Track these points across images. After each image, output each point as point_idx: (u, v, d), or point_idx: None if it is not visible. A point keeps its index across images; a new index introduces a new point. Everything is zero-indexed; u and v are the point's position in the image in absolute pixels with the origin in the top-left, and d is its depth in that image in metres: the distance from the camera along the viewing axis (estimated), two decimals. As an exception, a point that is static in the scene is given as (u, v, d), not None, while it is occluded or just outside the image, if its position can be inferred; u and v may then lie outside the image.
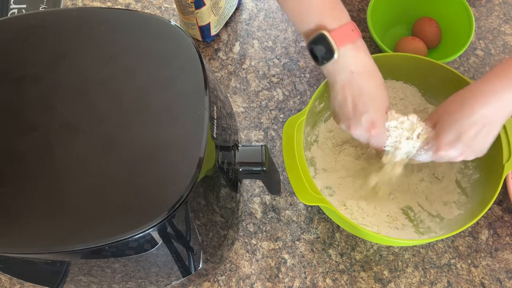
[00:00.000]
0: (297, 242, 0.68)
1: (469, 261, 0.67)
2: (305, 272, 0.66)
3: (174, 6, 0.86)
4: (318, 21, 0.54)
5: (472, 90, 0.55)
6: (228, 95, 0.78)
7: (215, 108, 0.45)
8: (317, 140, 0.71)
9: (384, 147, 0.60)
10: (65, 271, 0.44)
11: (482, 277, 0.66)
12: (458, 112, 0.55)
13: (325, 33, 0.53)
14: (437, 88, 0.71)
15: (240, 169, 0.52)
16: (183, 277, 0.51)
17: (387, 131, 0.59)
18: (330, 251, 0.67)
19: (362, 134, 0.58)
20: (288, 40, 0.83)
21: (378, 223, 0.66)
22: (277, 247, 0.68)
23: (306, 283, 0.65)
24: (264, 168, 0.51)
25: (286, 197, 0.71)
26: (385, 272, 0.66)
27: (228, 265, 0.66)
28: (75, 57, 0.45)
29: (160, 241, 0.41)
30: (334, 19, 0.54)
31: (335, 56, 0.54)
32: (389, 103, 0.59)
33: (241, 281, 0.66)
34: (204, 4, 0.74)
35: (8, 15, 0.78)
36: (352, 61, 0.55)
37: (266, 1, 0.87)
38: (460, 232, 0.60)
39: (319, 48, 0.54)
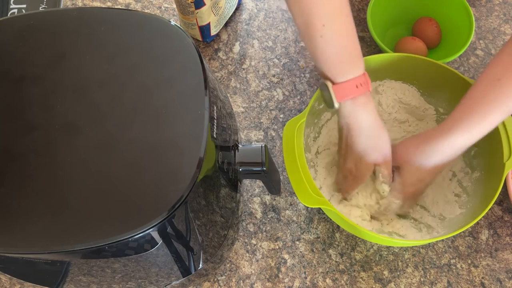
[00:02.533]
0: (297, 242, 0.68)
1: (469, 261, 0.67)
2: (305, 272, 0.66)
3: (174, 6, 0.86)
4: (325, 71, 0.56)
5: (429, 137, 0.60)
6: (228, 95, 0.78)
7: (215, 108, 0.45)
8: (318, 141, 0.71)
9: (348, 196, 0.66)
10: (65, 271, 0.44)
11: (482, 277, 0.66)
12: (418, 160, 0.60)
13: (328, 85, 0.56)
14: (437, 88, 0.71)
15: (240, 169, 0.52)
16: (183, 277, 0.51)
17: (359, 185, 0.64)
18: (330, 251, 0.67)
19: (343, 171, 0.64)
20: (288, 40, 0.83)
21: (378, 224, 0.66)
22: (277, 247, 0.68)
23: (306, 283, 0.65)
24: (264, 168, 0.51)
25: (286, 197, 0.71)
26: (385, 272, 0.66)
27: (228, 265, 0.66)
28: (75, 57, 0.45)
29: (160, 241, 0.41)
30: (340, 73, 0.56)
31: (335, 106, 0.57)
32: (383, 159, 0.62)
33: (241, 281, 0.66)
34: (204, 4, 0.74)
35: (8, 15, 0.78)
36: (349, 115, 0.58)
37: (266, 1, 0.87)
38: (460, 232, 0.60)
39: (325, 94, 0.57)
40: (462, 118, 0.57)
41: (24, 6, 0.80)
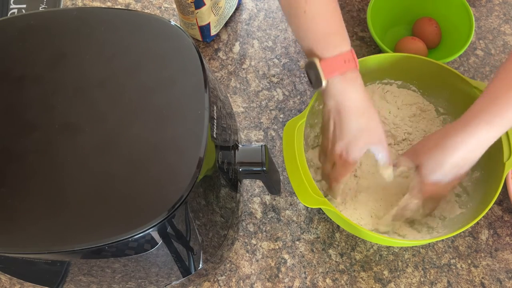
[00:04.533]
0: (297, 242, 0.68)
1: (469, 261, 0.67)
2: (305, 272, 0.66)
3: (174, 6, 0.86)
4: (312, 47, 0.55)
5: (449, 133, 0.58)
6: (228, 95, 0.78)
7: (215, 108, 0.45)
8: (318, 141, 0.71)
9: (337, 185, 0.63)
10: (65, 271, 0.44)
11: (482, 277, 0.66)
12: (439, 157, 0.58)
13: (315, 61, 0.54)
14: (437, 88, 0.71)
15: (240, 169, 0.52)
16: (183, 277, 0.51)
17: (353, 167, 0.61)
18: (330, 251, 0.67)
19: (331, 159, 0.61)
20: (288, 40, 0.83)
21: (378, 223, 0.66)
22: (277, 247, 0.68)
23: (306, 283, 0.65)
24: (264, 168, 0.51)
25: (286, 197, 0.71)
26: (385, 272, 0.66)
27: (228, 265, 0.66)
28: (75, 57, 0.45)
29: (160, 241, 0.41)
30: (327, 48, 0.55)
31: (323, 84, 0.55)
32: (376, 144, 0.60)
33: (241, 281, 0.66)
34: (204, 4, 0.74)
35: (8, 15, 0.78)
36: (338, 92, 0.56)
37: (266, 1, 0.87)
38: (460, 232, 0.60)
39: (311, 73, 0.55)
40: (483, 109, 0.55)
41: (24, 6, 0.80)
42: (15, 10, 0.79)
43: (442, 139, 0.58)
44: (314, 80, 0.55)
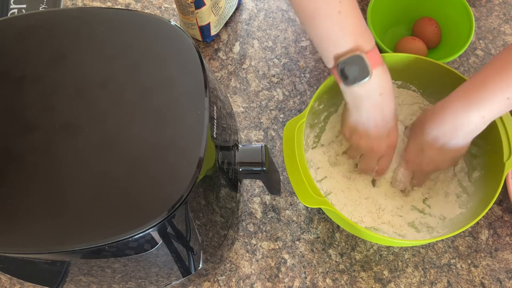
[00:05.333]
0: (297, 242, 0.68)
1: (469, 261, 0.67)
2: (305, 272, 0.66)
3: (174, 6, 0.86)
4: (354, 42, 0.55)
5: (437, 107, 0.61)
6: (228, 95, 0.78)
7: (215, 108, 0.45)
8: (318, 141, 0.71)
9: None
10: (65, 271, 0.44)
11: (482, 277, 0.66)
12: (421, 127, 0.62)
13: (362, 54, 0.55)
14: (437, 88, 0.71)
15: (240, 169, 0.52)
16: (183, 277, 0.51)
17: None
18: (330, 251, 0.67)
19: (379, 151, 0.63)
20: (288, 40, 0.83)
21: (378, 223, 0.66)
22: (277, 247, 0.68)
23: (306, 283, 0.65)
24: (264, 168, 0.51)
25: (286, 197, 0.71)
26: (385, 272, 0.66)
27: (228, 265, 0.66)
28: (75, 57, 0.45)
29: (160, 241, 0.41)
30: (367, 42, 0.56)
31: (370, 76, 0.55)
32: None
33: (241, 281, 0.66)
34: (204, 4, 0.74)
35: (8, 15, 0.78)
36: (381, 83, 0.57)
37: (266, 1, 0.87)
38: (460, 232, 0.60)
39: (353, 68, 0.56)
40: (463, 91, 0.58)
41: (24, 6, 0.80)
42: (15, 10, 0.79)
43: (430, 113, 0.62)
44: (356, 74, 0.56)
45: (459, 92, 0.59)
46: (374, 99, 0.58)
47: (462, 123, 0.57)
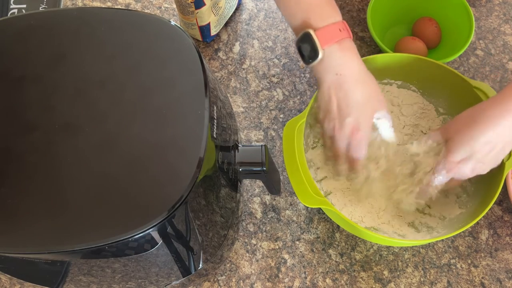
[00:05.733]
0: (297, 242, 0.68)
1: (469, 261, 0.67)
2: (305, 272, 0.66)
3: (174, 6, 0.86)
4: (305, 18, 0.53)
5: (485, 108, 0.55)
6: (228, 95, 0.78)
7: (215, 108, 0.45)
8: (318, 141, 0.71)
9: (358, 161, 0.60)
10: (65, 271, 0.44)
11: (482, 277, 0.66)
12: (470, 131, 0.55)
13: (310, 31, 0.53)
14: (437, 88, 0.71)
15: (240, 169, 0.52)
16: (183, 277, 0.51)
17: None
18: (330, 251, 0.67)
19: (343, 138, 0.58)
20: (288, 40, 0.83)
21: (378, 223, 0.66)
22: (277, 247, 0.68)
23: (306, 283, 0.65)
24: (264, 168, 0.51)
25: (286, 197, 0.71)
26: (385, 272, 0.66)
27: (228, 265, 0.66)
28: (75, 57, 0.45)
29: (160, 241, 0.41)
30: (321, 18, 0.53)
31: (320, 55, 0.53)
32: (382, 109, 0.58)
33: (241, 281, 0.66)
34: (204, 4, 0.74)
35: (8, 15, 0.78)
36: (337, 63, 0.54)
37: (266, 1, 0.87)
38: (460, 232, 0.60)
39: (305, 46, 0.54)
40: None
41: (24, 6, 0.80)
42: (15, 10, 0.79)
43: (475, 115, 0.55)
44: (308, 53, 0.53)
45: (506, 92, 0.54)
46: (331, 78, 0.55)
47: None
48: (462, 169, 0.57)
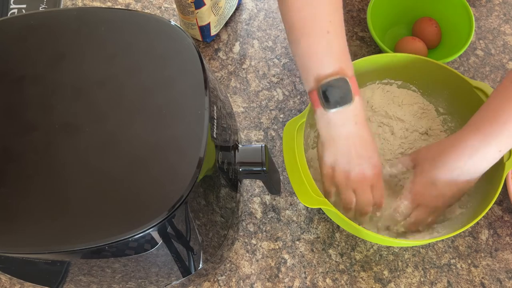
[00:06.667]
0: (297, 242, 0.68)
1: (469, 261, 0.67)
2: (305, 272, 0.66)
3: (174, 6, 0.86)
4: (339, 65, 0.53)
5: (452, 141, 0.58)
6: (228, 95, 0.78)
7: (215, 108, 0.45)
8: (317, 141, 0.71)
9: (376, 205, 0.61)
10: (65, 271, 0.44)
11: (482, 277, 0.66)
12: (436, 159, 0.58)
13: (347, 78, 0.53)
14: (437, 88, 0.71)
15: (240, 169, 0.52)
16: (183, 277, 0.51)
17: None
18: (330, 251, 0.67)
19: (368, 180, 0.59)
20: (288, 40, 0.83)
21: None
22: (277, 247, 0.68)
23: (306, 283, 0.65)
24: (264, 168, 0.51)
25: (286, 197, 0.71)
26: (385, 272, 0.66)
27: (228, 265, 0.66)
28: (75, 57, 0.45)
29: (160, 241, 0.41)
30: (350, 68, 0.55)
31: (352, 101, 0.54)
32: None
33: (241, 281, 0.66)
34: (204, 4, 0.74)
35: (8, 15, 0.78)
36: (357, 112, 0.55)
37: (266, 1, 0.87)
38: (460, 232, 0.60)
39: (336, 91, 0.53)
40: (478, 125, 0.55)
41: (24, 6, 0.80)
42: (15, 10, 0.79)
43: (446, 144, 0.58)
44: (337, 98, 0.53)
45: (472, 126, 0.57)
46: (350, 128, 0.56)
47: (480, 158, 0.56)
48: (426, 195, 0.60)
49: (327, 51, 0.54)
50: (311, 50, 0.54)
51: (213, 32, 0.80)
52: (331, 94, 0.53)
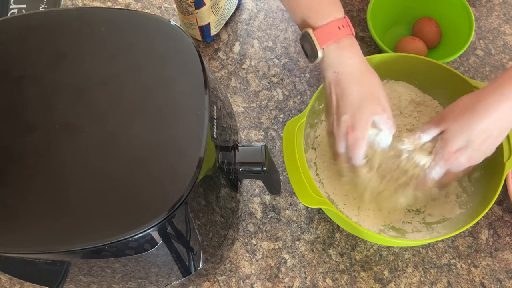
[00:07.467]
0: (297, 242, 0.68)
1: (469, 261, 0.67)
2: (305, 272, 0.66)
3: (174, 6, 0.86)
4: (304, 18, 0.53)
5: (481, 96, 0.54)
6: (228, 95, 0.78)
7: (215, 108, 0.45)
8: (317, 141, 0.71)
9: (357, 162, 0.58)
10: (65, 271, 0.44)
11: (482, 277, 0.66)
12: (467, 120, 0.54)
13: (309, 31, 0.53)
14: (437, 88, 0.71)
15: (240, 169, 0.52)
16: (183, 277, 0.51)
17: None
18: (330, 251, 0.67)
19: (341, 136, 0.57)
20: (288, 40, 0.83)
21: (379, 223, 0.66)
22: (277, 247, 0.68)
23: (306, 283, 0.65)
24: (264, 168, 0.51)
25: (286, 197, 0.71)
26: (385, 272, 0.66)
27: (228, 265, 0.66)
28: (75, 57, 0.45)
29: (160, 241, 0.41)
30: (320, 16, 0.53)
31: (320, 55, 0.53)
32: (381, 113, 0.57)
33: (241, 281, 0.66)
34: (204, 4, 0.74)
35: (8, 15, 0.78)
36: (335, 62, 0.54)
37: (266, 1, 0.87)
38: (460, 232, 0.60)
39: (306, 45, 0.54)
40: None
41: (24, 6, 0.80)
42: (15, 10, 0.79)
43: (471, 103, 0.54)
44: (309, 52, 0.54)
45: (503, 79, 0.53)
46: (331, 76, 0.55)
47: None
48: (459, 159, 0.56)
49: (296, 3, 0.54)
50: (288, 4, 0.55)
51: (213, 32, 0.80)
52: (305, 48, 0.55)
